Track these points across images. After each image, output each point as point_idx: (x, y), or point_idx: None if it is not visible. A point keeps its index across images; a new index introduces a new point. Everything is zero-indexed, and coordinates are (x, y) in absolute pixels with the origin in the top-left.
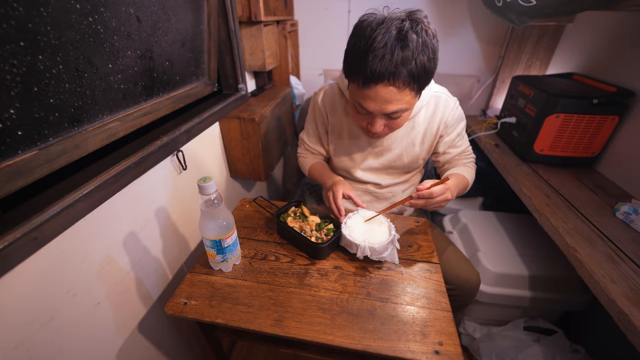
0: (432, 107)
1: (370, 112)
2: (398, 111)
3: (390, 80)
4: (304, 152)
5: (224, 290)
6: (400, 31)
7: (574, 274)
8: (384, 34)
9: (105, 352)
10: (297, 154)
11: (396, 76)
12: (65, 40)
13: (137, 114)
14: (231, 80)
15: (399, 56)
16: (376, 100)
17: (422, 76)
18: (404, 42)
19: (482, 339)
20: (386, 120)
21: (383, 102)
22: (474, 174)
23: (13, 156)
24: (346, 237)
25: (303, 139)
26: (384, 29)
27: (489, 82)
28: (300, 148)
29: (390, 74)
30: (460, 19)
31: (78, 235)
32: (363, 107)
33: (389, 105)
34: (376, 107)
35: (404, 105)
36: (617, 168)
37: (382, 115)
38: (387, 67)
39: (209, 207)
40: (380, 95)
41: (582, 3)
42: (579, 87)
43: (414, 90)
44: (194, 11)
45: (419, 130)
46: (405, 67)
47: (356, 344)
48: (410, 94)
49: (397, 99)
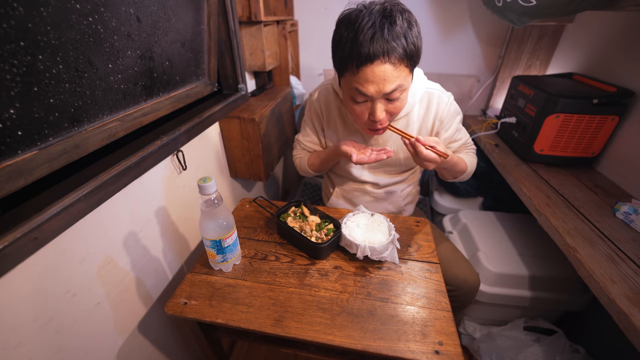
0: (426, 103)
1: (370, 95)
2: (397, 89)
3: (385, 57)
4: (299, 152)
5: (224, 290)
6: (385, 11)
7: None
8: (369, 16)
9: (105, 352)
10: (293, 156)
11: (390, 52)
12: (65, 40)
13: (137, 114)
14: (231, 80)
15: (389, 33)
16: (374, 81)
17: (414, 53)
18: (391, 19)
19: (482, 339)
20: (386, 104)
21: (381, 82)
22: (474, 161)
23: (13, 156)
24: (346, 237)
25: (298, 139)
26: (366, 14)
27: (489, 82)
28: (296, 149)
29: (384, 51)
30: (460, 19)
31: (78, 235)
32: (361, 93)
33: (387, 83)
34: (375, 88)
35: (401, 82)
36: (617, 168)
37: (382, 98)
38: (380, 45)
39: (209, 207)
40: (377, 74)
41: (582, 3)
42: (579, 87)
43: (408, 67)
44: (194, 11)
45: (413, 127)
46: (397, 42)
47: (356, 343)
48: (405, 70)
49: (394, 76)
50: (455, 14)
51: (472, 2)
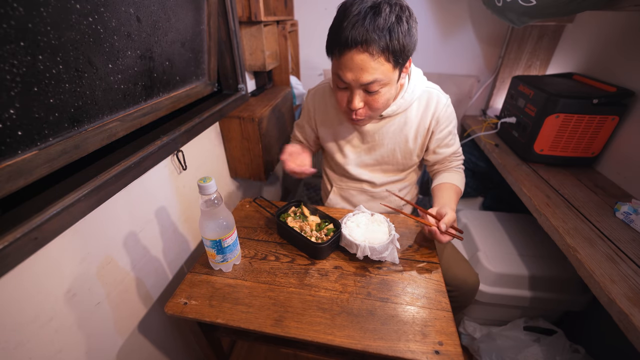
0: (425, 102)
1: (348, 83)
2: (374, 82)
3: (363, 46)
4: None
5: (224, 290)
6: (375, 2)
7: (574, 274)
8: (359, 5)
9: (105, 352)
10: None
11: (369, 42)
12: (65, 40)
13: (137, 114)
14: (231, 80)
15: (371, 24)
16: (352, 69)
17: (397, 49)
18: (377, 11)
19: (482, 339)
20: (364, 96)
21: (358, 70)
22: (464, 179)
23: (13, 156)
24: (346, 237)
25: (294, 131)
26: (358, 3)
27: (489, 82)
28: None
29: (363, 40)
30: (460, 19)
31: (78, 235)
32: (341, 79)
33: (364, 73)
34: (352, 76)
35: (380, 75)
36: (617, 168)
37: (360, 89)
38: (360, 32)
39: (209, 207)
40: (355, 62)
41: (582, 3)
42: (579, 87)
43: (389, 62)
44: (194, 11)
45: (411, 126)
46: (377, 34)
47: (356, 343)
48: (385, 65)
49: (372, 67)
50: (455, 14)
51: (472, 2)
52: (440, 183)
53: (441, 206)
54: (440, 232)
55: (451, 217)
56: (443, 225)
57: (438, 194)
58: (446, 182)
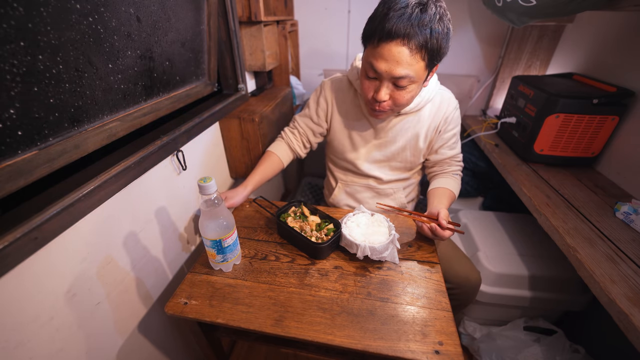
0: (438, 102)
1: (380, 73)
2: (405, 77)
3: (404, 39)
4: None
5: (224, 290)
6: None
7: (574, 274)
8: None
9: (105, 352)
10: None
11: (411, 37)
12: (65, 40)
13: (137, 114)
14: (231, 80)
15: (417, 18)
16: (388, 59)
17: (435, 48)
18: (424, 8)
19: (482, 339)
20: (392, 89)
21: (393, 63)
22: (459, 186)
23: (13, 156)
24: (346, 237)
25: (295, 118)
26: None
27: (489, 82)
28: (287, 127)
29: (405, 34)
30: (460, 19)
31: (78, 235)
32: (373, 68)
33: (398, 67)
34: (386, 67)
35: (412, 73)
36: (617, 168)
37: (390, 81)
38: (405, 26)
39: (209, 207)
40: (392, 54)
41: (582, 3)
42: (579, 87)
43: (424, 60)
44: (194, 11)
45: (423, 124)
46: (421, 30)
47: (356, 343)
48: (420, 63)
49: (407, 62)
50: (455, 14)
51: (472, 2)
52: (436, 187)
53: (433, 207)
54: (441, 228)
55: (446, 212)
56: (443, 220)
57: (432, 197)
58: (441, 186)
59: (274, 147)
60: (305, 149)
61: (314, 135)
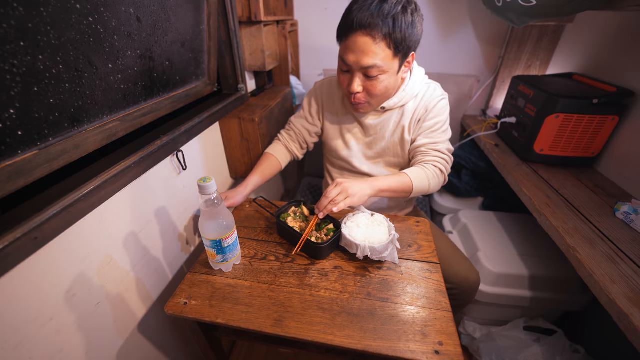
0: (422, 95)
1: (350, 65)
2: (373, 66)
3: (367, 29)
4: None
5: (224, 290)
6: None
7: (574, 274)
8: None
9: (105, 352)
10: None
11: (372, 26)
12: (65, 40)
13: (137, 114)
14: (231, 80)
15: (377, 8)
16: (354, 50)
17: (399, 38)
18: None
19: (482, 339)
20: (364, 80)
21: (360, 53)
22: (434, 175)
23: (13, 156)
24: (346, 237)
25: (291, 119)
26: None
27: (489, 82)
28: (283, 129)
29: (367, 24)
30: (460, 19)
31: (78, 235)
32: (344, 61)
33: (365, 57)
34: (354, 58)
35: (379, 61)
36: (617, 168)
37: (360, 72)
38: (365, 16)
39: (209, 207)
40: (358, 44)
41: (582, 3)
42: (579, 87)
43: (390, 48)
44: (194, 11)
45: (407, 117)
46: (382, 19)
47: (356, 343)
48: (386, 51)
49: (372, 52)
50: (455, 14)
51: (472, 2)
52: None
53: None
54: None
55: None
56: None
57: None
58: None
59: (272, 149)
60: (302, 149)
61: (309, 135)
